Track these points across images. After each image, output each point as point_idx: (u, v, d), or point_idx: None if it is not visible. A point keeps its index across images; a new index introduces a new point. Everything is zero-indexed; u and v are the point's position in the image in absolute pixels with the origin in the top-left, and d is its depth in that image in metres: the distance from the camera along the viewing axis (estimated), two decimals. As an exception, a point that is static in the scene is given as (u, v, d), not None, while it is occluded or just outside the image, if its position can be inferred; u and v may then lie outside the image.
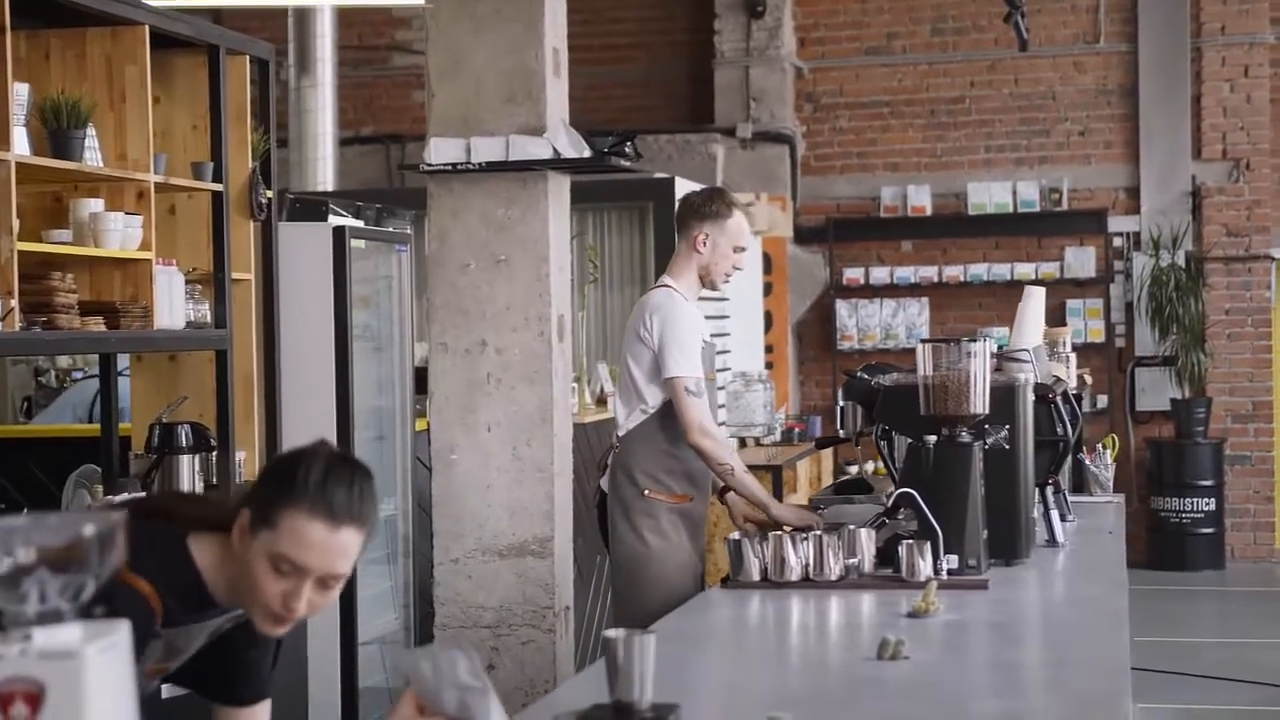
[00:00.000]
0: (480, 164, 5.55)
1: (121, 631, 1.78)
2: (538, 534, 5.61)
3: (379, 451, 6.68)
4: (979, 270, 12.51)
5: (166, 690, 4.65)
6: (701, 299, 9.08)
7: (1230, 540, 12.24)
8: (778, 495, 8.79)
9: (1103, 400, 12.34)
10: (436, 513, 5.55)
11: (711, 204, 5.22)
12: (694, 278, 5.21)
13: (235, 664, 2.82)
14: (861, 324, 12.71)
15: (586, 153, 5.63)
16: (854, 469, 12.04)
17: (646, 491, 5.11)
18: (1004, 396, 4.47)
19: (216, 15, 12.70)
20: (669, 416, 5.10)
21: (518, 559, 5.61)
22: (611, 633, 2.69)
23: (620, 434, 5.21)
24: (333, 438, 6.16)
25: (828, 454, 10.92)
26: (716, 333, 9.98)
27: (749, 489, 5.07)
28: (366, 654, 6.39)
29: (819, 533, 4.25)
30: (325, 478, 2.55)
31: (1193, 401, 12.10)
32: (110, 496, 5.09)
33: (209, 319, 5.47)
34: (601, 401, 8.02)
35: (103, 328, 4.88)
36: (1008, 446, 4.46)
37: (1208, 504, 12.01)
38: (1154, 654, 8.89)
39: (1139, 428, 12.47)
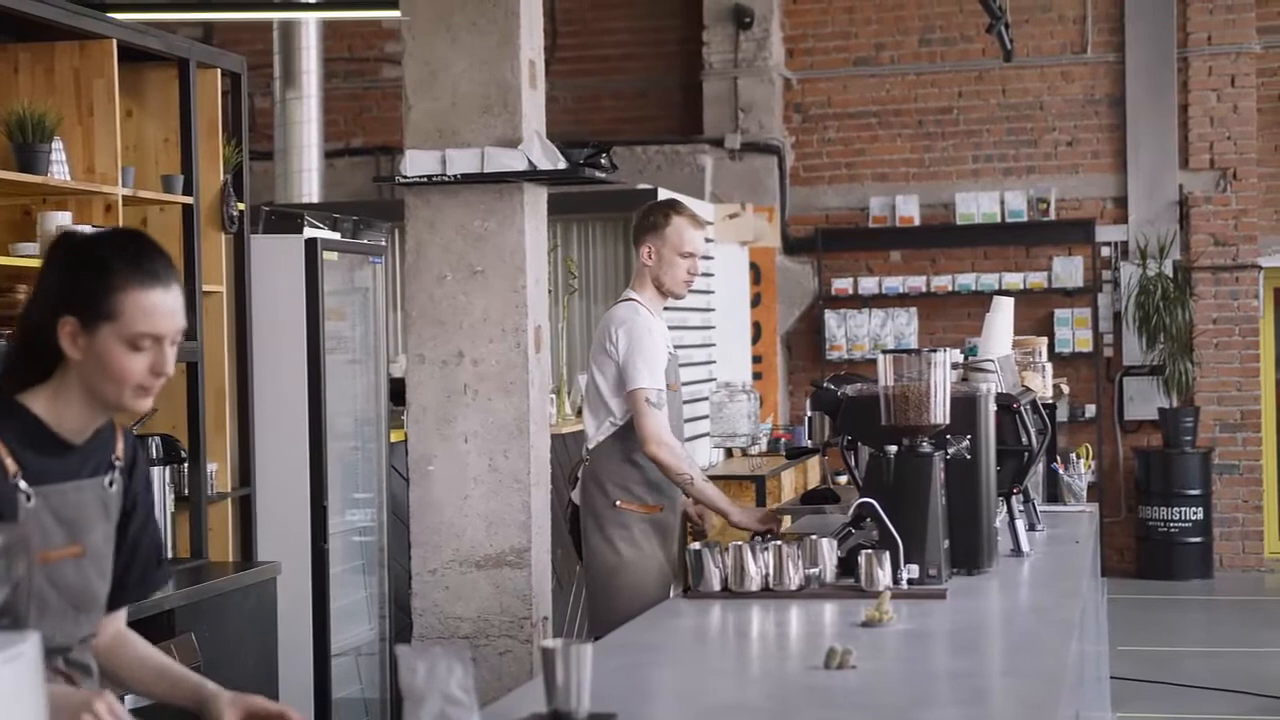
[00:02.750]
0: (456, 176, 5.57)
1: (29, 642, 1.80)
2: (515, 545, 5.62)
3: (355, 462, 6.70)
4: (967, 280, 12.53)
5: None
6: (683, 309, 9.10)
7: (1218, 549, 12.25)
8: (760, 505, 8.79)
9: (1090, 409, 12.35)
10: (414, 523, 5.57)
11: (649, 216, 5.34)
12: (653, 290, 5.31)
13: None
14: (850, 334, 12.73)
15: (561, 164, 5.65)
16: (844, 479, 12.04)
17: (618, 503, 5.20)
18: (965, 407, 4.48)
19: (207, 28, 12.76)
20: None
21: (495, 570, 5.62)
22: (548, 643, 2.71)
23: (590, 446, 5.29)
24: (306, 449, 6.18)
25: (814, 464, 10.93)
26: (702, 343, 10.03)
27: (709, 498, 5.14)
28: (341, 665, 6.41)
29: (779, 543, 4.26)
30: (135, 254, 2.65)
31: (1181, 411, 12.11)
32: None
33: (180, 331, 5.49)
34: (581, 412, 8.03)
35: (70, 340, 4.89)
36: (969, 456, 4.47)
37: (1196, 513, 12.02)
38: (1140, 663, 8.90)
39: (1127, 437, 12.48)
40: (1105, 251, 12.51)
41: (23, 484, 2.62)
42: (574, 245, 10.09)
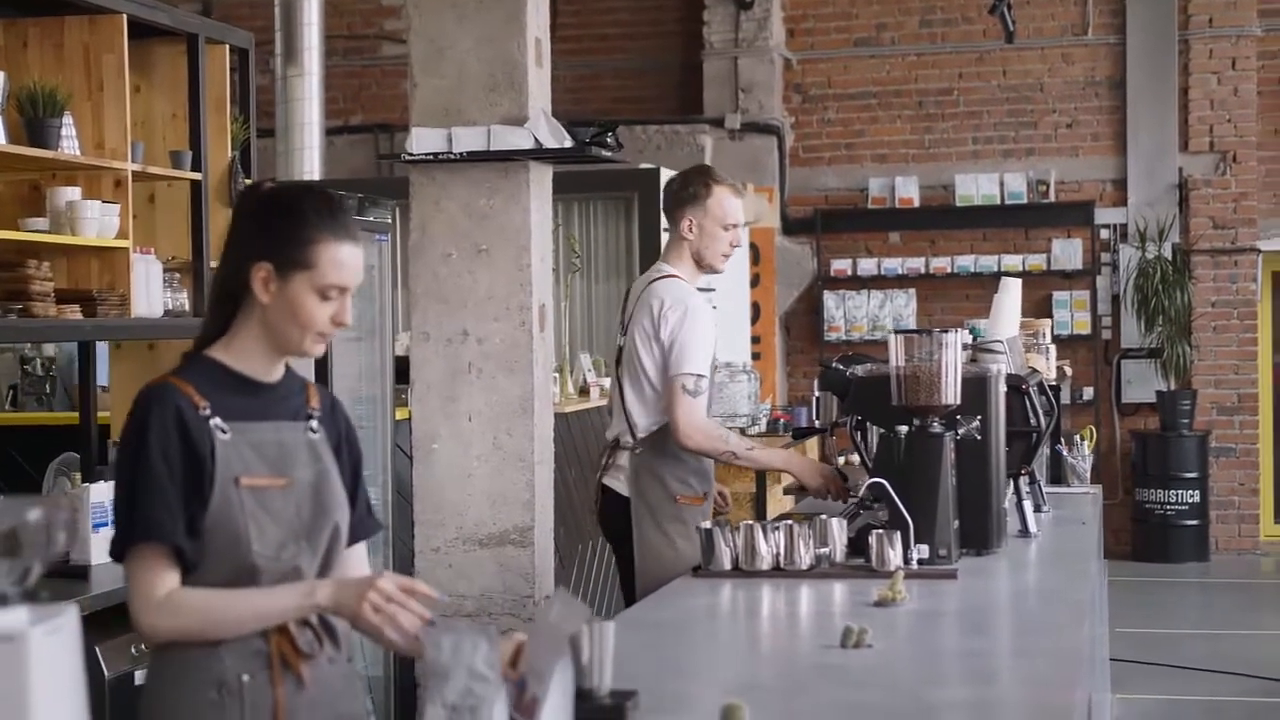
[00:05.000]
0: (462, 154, 5.55)
1: (68, 616, 1.80)
2: (518, 523, 5.62)
3: (360, 440, 6.68)
4: (966, 262, 12.54)
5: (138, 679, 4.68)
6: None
7: (1214, 532, 12.28)
8: (761, 486, 8.77)
9: (1089, 392, 12.37)
10: (417, 502, 5.56)
11: (689, 186, 5.09)
12: (691, 264, 5.09)
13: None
14: (849, 315, 12.74)
15: (568, 143, 5.64)
16: (841, 459, 12.06)
17: (678, 497, 5.01)
18: (976, 387, 4.48)
19: (206, 4, 12.72)
20: None
21: (498, 548, 5.62)
22: (570, 620, 2.71)
23: (639, 435, 5.05)
24: (312, 426, 6.17)
25: (814, 444, 10.94)
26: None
27: (762, 464, 4.97)
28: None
29: (790, 522, 4.27)
30: (329, 209, 2.80)
31: (1178, 393, 12.13)
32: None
33: (188, 307, 5.49)
34: (584, 391, 8.03)
35: (79, 316, 4.89)
36: (979, 437, 4.47)
37: (1192, 496, 12.05)
38: (1137, 645, 8.92)
39: (1125, 419, 12.50)
40: (1104, 234, 12.52)
41: (215, 419, 2.74)
42: (574, 224, 10.08)
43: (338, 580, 2.78)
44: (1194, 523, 12.08)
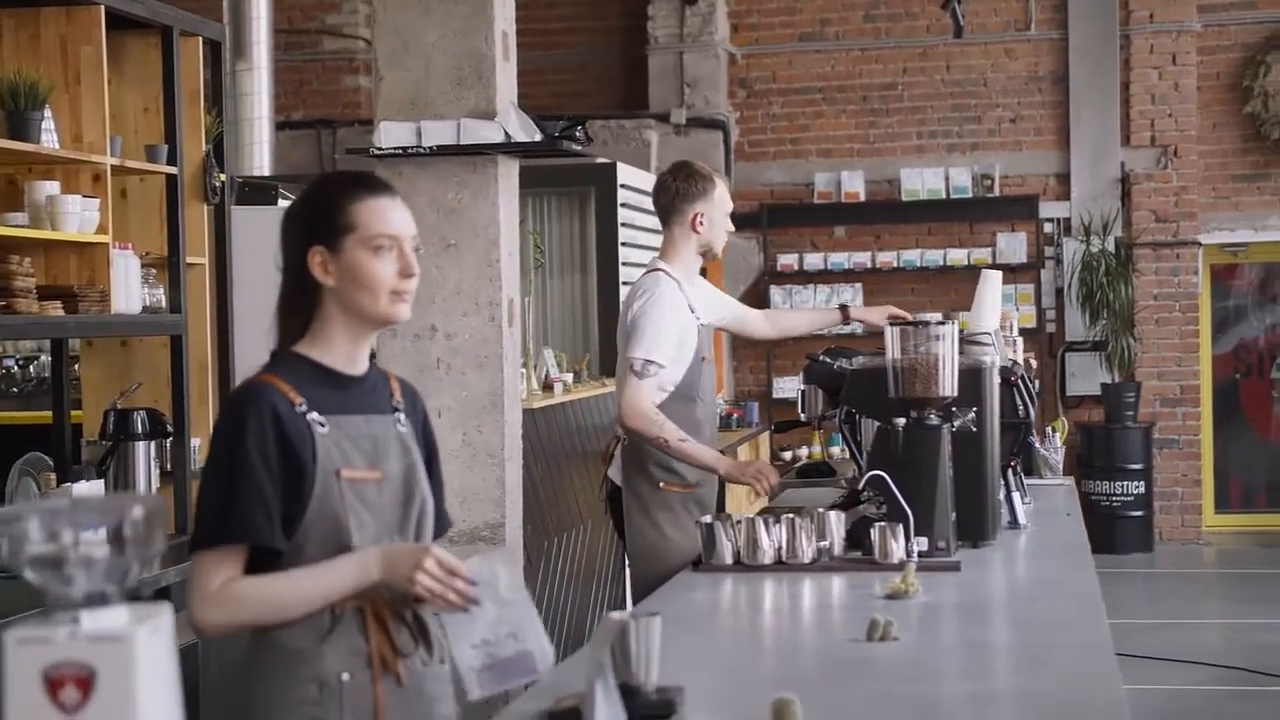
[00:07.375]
0: (432, 148, 5.52)
1: (165, 615, 1.76)
2: (489, 520, 5.60)
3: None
4: (912, 256, 12.58)
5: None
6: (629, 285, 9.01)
7: (1159, 523, 12.40)
8: (721, 481, 8.73)
9: (1034, 385, 12.44)
10: (387, 499, 5.50)
11: (696, 183, 5.16)
12: (691, 258, 5.18)
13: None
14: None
15: (537, 137, 5.63)
16: (788, 454, 12.09)
17: (661, 484, 5.04)
18: (971, 379, 4.49)
19: (144, -2, 12.54)
20: (675, 405, 5.01)
21: (469, 545, 5.60)
22: (617, 615, 2.69)
23: (626, 425, 5.04)
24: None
25: (765, 439, 10.97)
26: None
27: (692, 457, 4.99)
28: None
29: (792, 516, 4.25)
30: (352, 177, 2.87)
31: (1122, 386, 12.24)
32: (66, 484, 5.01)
33: (164, 303, 5.41)
34: (548, 387, 7.99)
35: (60, 312, 4.80)
36: (975, 429, 4.48)
37: (1137, 487, 12.16)
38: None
39: (1069, 412, 12.59)
40: (1048, 228, 12.61)
41: (312, 414, 2.73)
42: (530, 219, 10.03)
43: (386, 551, 2.71)
44: (1139, 514, 12.19)
